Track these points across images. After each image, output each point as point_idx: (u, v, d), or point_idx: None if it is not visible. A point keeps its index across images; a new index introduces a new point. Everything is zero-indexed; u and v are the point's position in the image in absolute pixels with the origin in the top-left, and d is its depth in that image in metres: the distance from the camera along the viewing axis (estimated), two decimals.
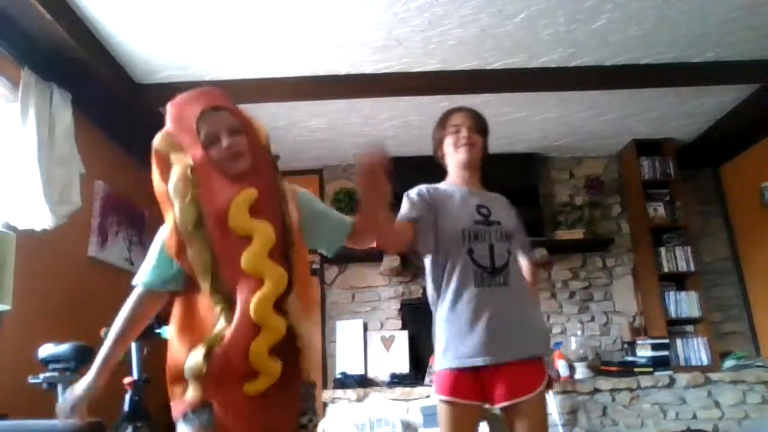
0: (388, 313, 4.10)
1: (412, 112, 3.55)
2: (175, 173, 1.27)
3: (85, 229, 3.13)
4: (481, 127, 1.89)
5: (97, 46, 2.75)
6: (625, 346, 4.00)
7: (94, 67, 2.74)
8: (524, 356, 1.66)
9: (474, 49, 3.01)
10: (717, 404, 3.48)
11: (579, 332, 4.02)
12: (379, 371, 3.90)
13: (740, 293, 4.28)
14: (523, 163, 4.29)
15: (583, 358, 3.76)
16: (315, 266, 4.07)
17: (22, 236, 2.34)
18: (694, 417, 3.46)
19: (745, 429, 3.39)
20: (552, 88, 3.36)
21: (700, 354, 3.78)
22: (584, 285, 4.18)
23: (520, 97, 3.47)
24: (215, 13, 2.62)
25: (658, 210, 4.10)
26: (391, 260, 3.91)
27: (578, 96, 3.51)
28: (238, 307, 1.22)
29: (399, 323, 4.06)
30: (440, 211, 1.76)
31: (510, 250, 1.78)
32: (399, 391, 3.52)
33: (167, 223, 1.29)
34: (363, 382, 3.75)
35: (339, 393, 3.55)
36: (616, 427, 3.45)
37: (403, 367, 3.85)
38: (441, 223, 1.75)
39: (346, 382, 3.69)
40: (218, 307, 1.23)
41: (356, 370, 3.87)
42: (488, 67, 3.19)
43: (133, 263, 3.48)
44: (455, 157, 1.86)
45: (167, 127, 1.34)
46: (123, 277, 1.44)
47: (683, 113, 3.82)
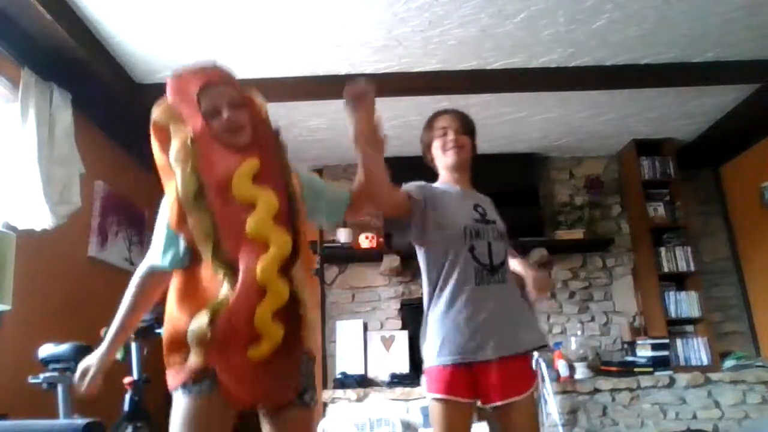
0: (388, 313, 4.10)
1: (412, 112, 3.55)
2: (176, 143, 1.27)
3: (85, 229, 3.13)
4: (469, 129, 1.90)
5: (97, 46, 2.75)
6: (625, 346, 4.00)
7: (94, 67, 2.74)
8: (518, 351, 1.68)
9: (474, 49, 3.01)
10: (717, 404, 3.48)
11: (579, 332, 4.02)
12: (379, 371, 3.90)
13: (740, 293, 4.28)
14: (523, 163, 4.29)
15: (583, 358, 3.76)
16: (315, 266, 4.08)
17: (22, 236, 2.34)
18: (694, 417, 3.46)
19: (745, 429, 3.39)
20: (552, 88, 3.36)
21: (700, 354, 3.78)
22: (584, 285, 4.18)
23: (520, 97, 3.48)
24: (215, 13, 2.62)
25: (658, 210, 4.11)
26: (391, 260, 3.91)
27: (578, 96, 3.51)
28: (242, 273, 1.22)
29: (399, 323, 4.06)
30: (438, 207, 1.77)
31: (505, 249, 1.80)
32: (399, 391, 3.52)
33: (168, 194, 1.29)
34: (363, 382, 3.75)
35: (339, 393, 3.55)
36: (616, 427, 3.45)
37: (403, 367, 3.85)
38: (440, 220, 1.75)
39: (346, 382, 3.69)
40: (221, 273, 1.23)
41: (356, 370, 3.87)
42: (488, 67, 3.19)
43: (133, 263, 3.48)
44: (444, 160, 1.87)
45: (167, 99, 1.34)
46: (123, 277, 1.43)
47: (683, 113, 3.82)
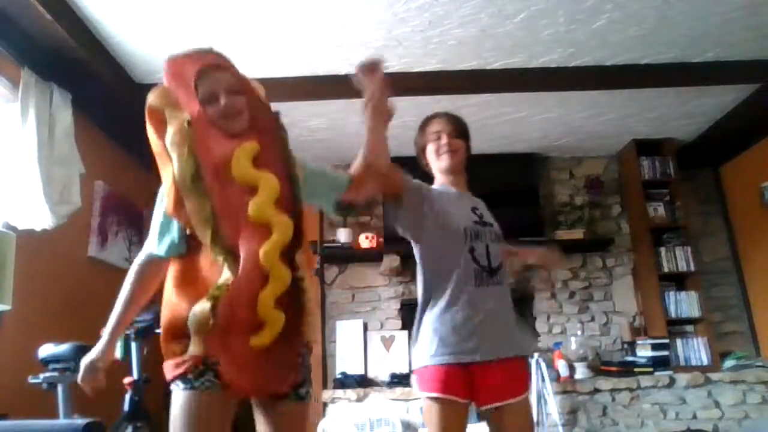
0: (388, 313, 4.10)
1: (412, 112, 3.50)
2: (172, 128, 1.26)
3: (85, 229, 3.13)
4: (462, 132, 1.90)
5: (97, 46, 2.75)
6: (625, 346, 4.00)
7: (94, 67, 2.74)
8: (516, 354, 1.69)
9: (474, 49, 3.01)
10: (717, 404, 3.48)
11: (579, 332, 4.02)
12: (379, 371, 3.90)
13: (740, 293, 4.28)
14: (523, 163, 4.29)
15: (583, 358, 3.76)
16: (315, 266, 4.08)
17: (22, 236, 2.35)
18: (694, 417, 3.46)
19: (745, 429, 3.39)
20: (552, 88, 3.36)
21: (700, 354, 3.77)
22: (584, 285, 4.18)
23: (520, 97, 3.48)
24: (215, 13, 2.62)
25: (658, 210, 4.11)
26: (391, 260, 3.91)
27: (578, 96, 3.51)
28: (243, 258, 1.20)
29: (399, 323, 4.06)
30: (437, 208, 1.76)
31: (502, 252, 1.81)
32: (399, 391, 3.52)
33: (165, 179, 1.27)
34: (363, 382, 3.75)
35: (339, 393, 3.55)
36: (616, 427, 3.45)
37: (403, 367, 3.84)
38: (440, 220, 1.75)
39: (346, 382, 3.69)
40: (221, 258, 1.20)
41: (356, 370, 3.87)
42: (488, 67, 3.19)
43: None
44: (439, 164, 1.87)
45: (163, 83, 1.33)
46: (123, 277, 1.43)
47: (683, 113, 3.82)
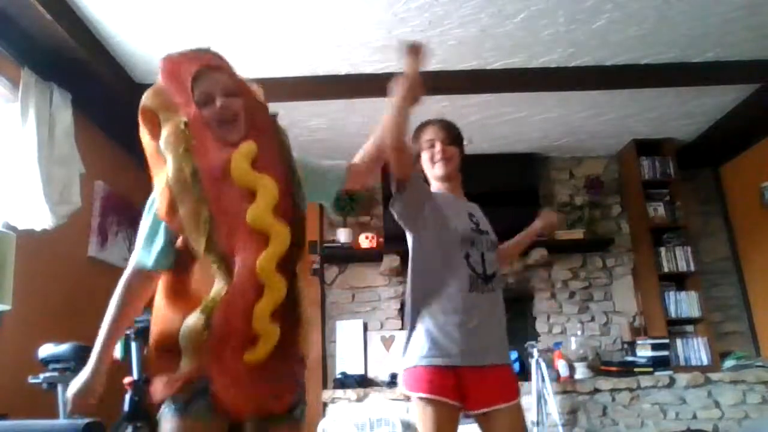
0: (388, 313, 4.10)
1: (411, 112, 3.54)
2: (167, 129, 1.22)
3: (85, 229, 3.13)
4: (455, 138, 1.90)
5: (97, 46, 2.75)
6: (625, 346, 4.00)
7: (94, 67, 2.74)
8: (504, 361, 1.72)
9: (474, 49, 3.01)
10: (717, 404, 3.48)
11: (579, 332, 4.02)
12: (379, 371, 3.90)
13: (740, 293, 4.27)
14: (523, 163, 4.29)
15: (583, 358, 3.76)
16: (315, 266, 4.08)
17: (22, 236, 2.34)
18: (694, 417, 3.46)
19: (745, 429, 3.39)
20: (552, 88, 3.36)
21: (700, 354, 3.77)
22: (584, 285, 4.18)
23: (520, 97, 3.47)
24: (215, 13, 2.62)
25: (658, 210, 4.10)
26: (391, 260, 3.90)
27: (578, 96, 3.51)
28: (238, 267, 1.16)
29: (399, 323, 4.05)
30: (436, 209, 1.77)
31: (497, 261, 1.82)
32: (399, 391, 3.52)
33: (158, 182, 1.22)
34: (363, 382, 3.75)
35: (339, 393, 3.55)
36: (616, 427, 3.45)
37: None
38: (440, 221, 1.75)
39: (346, 382, 3.69)
40: (214, 266, 1.16)
41: (356, 370, 3.87)
42: (488, 67, 3.19)
43: None
44: (433, 173, 1.88)
45: (159, 83, 1.29)
46: None
47: (683, 113, 3.82)
